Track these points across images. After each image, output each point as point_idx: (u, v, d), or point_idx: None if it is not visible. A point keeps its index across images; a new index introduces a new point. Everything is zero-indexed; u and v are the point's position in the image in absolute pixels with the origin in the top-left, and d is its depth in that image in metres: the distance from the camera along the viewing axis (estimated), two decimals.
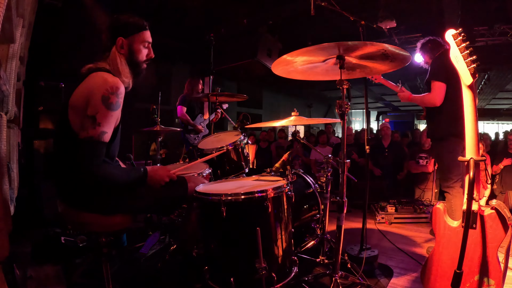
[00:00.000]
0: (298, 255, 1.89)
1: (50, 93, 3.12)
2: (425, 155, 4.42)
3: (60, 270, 2.10)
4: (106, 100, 1.29)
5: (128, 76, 1.48)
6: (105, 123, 1.30)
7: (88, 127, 1.27)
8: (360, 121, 18.15)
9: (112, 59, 1.43)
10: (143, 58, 1.52)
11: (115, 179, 1.38)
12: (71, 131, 1.32)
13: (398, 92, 2.62)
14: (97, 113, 1.28)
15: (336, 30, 5.81)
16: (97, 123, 1.28)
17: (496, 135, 11.60)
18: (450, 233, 1.49)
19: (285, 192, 1.61)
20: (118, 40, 1.43)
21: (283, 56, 1.65)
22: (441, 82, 2.29)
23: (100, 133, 1.29)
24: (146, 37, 1.50)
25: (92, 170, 1.30)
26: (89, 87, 1.32)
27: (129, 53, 1.46)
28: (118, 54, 1.44)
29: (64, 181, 1.43)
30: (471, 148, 1.40)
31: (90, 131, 1.27)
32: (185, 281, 1.83)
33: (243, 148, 2.43)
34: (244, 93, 3.08)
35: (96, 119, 1.28)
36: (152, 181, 1.52)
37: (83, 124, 1.29)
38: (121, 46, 1.44)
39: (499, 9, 4.59)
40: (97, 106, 1.28)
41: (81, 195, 1.40)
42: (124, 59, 1.45)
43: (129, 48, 1.45)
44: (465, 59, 1.34)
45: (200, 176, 2.02)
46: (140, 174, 1.49)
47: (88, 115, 1.28)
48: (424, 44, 2.62)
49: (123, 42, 1.44)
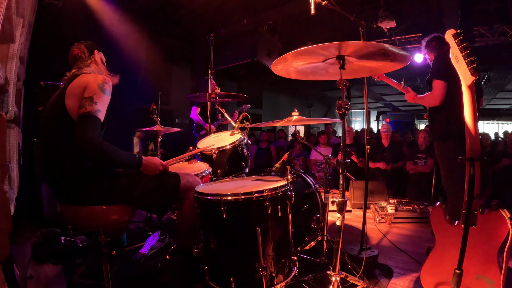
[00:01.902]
0: (298, 255, 1.89)
1: (50, 93, 3.10)
2: (423, 155, 4.41)
3: (60, 270, 2.10)
4: (101, 86, 1.56)
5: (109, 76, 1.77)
6: (100, 103, 1.53)
7: (86, 104, 1.49)
8: (360, 121, 18.15)
9: (97, 63, 1.80)
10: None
11: (110, 154, 1.49)
12: (68, 117, 1.51)
13: (405, 92, 2.59)
14: (94, 94, 1.52)
15: (336, 30, 5.82)
16: (94, 101, 1.50)
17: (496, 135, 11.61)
18: (450, 233, 1.49)
19: (285, 192, 1.61)
20: (95, 52, 1.82)
21: (283, 56, 1.65)
22: (442, 81, 2.26)
23: (96, 110, 1.50)
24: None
25: (90, 139, 1.43)
26: (85, 80, 1.57)
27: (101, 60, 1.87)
28: (99, 60, 1.82)
29: (59, 177, 1.52)
30: (471, 148, 1.40)
31: (88, 107, 1.48)
32: (185, 281, 1.83)
33: (243, 148, 2.43)
34: (244, 93, 3.08)
35: (93, 98, 1.51)
36: (147, 169, 1.64)
37: (81, 103, 1.50)
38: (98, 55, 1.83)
39: (499, 9, 4.59)
40: (94, 89, 1.53)
41: (76, 188, 1.50)
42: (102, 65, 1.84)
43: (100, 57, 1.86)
44: (464, 59, 1.34)
45: (200, 176, 2.03)
46: (135, 159, 1.60)
47: (85, 97, 1.51)
48: (429, 41, 2.57)
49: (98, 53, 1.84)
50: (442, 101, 2.28)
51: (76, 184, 1.51)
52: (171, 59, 6.48)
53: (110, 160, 1.50)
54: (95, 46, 1.86)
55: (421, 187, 4.31)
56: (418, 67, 5.22)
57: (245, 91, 8.17)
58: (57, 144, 1.53)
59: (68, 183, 1.51)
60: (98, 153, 1.45)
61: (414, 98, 2.52)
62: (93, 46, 1.84)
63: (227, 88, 3.94)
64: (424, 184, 4.27)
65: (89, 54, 1.81)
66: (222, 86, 2.85)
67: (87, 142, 1.42)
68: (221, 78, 7.21)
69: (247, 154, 2.49)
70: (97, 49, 1.86)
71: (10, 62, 1.74)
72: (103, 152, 1.46)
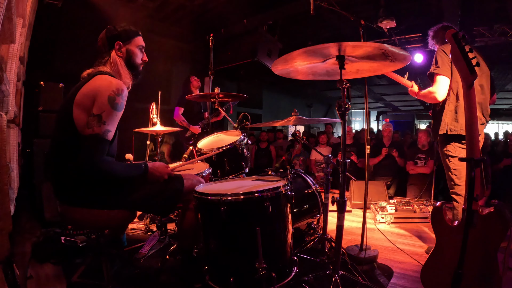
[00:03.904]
0: (298, 255, 1.89)
1: (50, 93, 3.12)
2: (423, 155, 4.41)
3: (60, 270, 2.10)
4: (112, 100, 1.37)
5: (129, 78, 1.58)
6: (110, 122, 1.38)
7: (93, 124, 1.34)
8: (360, 121, 18.15)
9: (113, 62, 1.53)
10: (140, 61, 1.62)
11: (117, 174, 1.44)
12: (74, 129, 1.38)
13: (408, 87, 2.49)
14: (103, 112, 1.36)
15: (336, 30, 5.82)
16: (102, 121, 1.35)
17: (496, 135, 11.61)
18: (450, 233, 1.49)
19: (285, 192, 1.61)
20: (116, 45, 1.53)
21: (283, 56, 1.65)
22: (445, 76, 2.12)
23: (105, 131, 1.36)
24: (140, 41, 1.62)
25: (95, 165, 1.35)
26: (95, 87, 1.39)
27: (127, 56, 1.57)
28: (118, 58, 1.54)
29: (62, 179, 1.46)
30: (471, 148, 1.40)
31: (96, 129, 1.34)
32: (185, 281, 1.83)
33: (243, 148, 2.43)
34: (244, 93, 3.08)
35: (102, 117, 1.35)
36: (152, 178, 1.58)
37: (89, 121, 1.35)
38: (119, 49, 1.54)
39: (499, 9, 4.59)
40: (104, 106, 1.36)
41: (79, 191, 1.44)
42: (123, 62, 1.56)
43: (127, 51, 1.56)
44: (464, 59, 1.34)
45: (200, 176, 2.02)
46: (141, 170, 1.54)
47: (94, 114, 1.35)
48: (436, 31, 2.41)
49: (121, 46, 1.54)
50: (443, 98, 2.18)
51: (77, 187, 1.45)
52: (171, 59, 6.48)
53: (116, 178, 1.45)
54: (120, 35, 1.52)
55: (421, 187, 4.31)
56: (418, 67, 5.22)
57: (245, 91, 8.17)
58: (61, 151, 1.45)
59: (69, 186, 1.46)
60: (103, 174, 1.39)
61: (417, 93, 2.43)
62: (116, 37, 1.52)
63: (227, 88, 3.93)
64: (424, 184, 4.27)
65: (109, 48, 1.53)
66: (222, 86, 2.84)
67: (93, 166, 1.35)
68: (221, 78, 7.21)
69: (247, 154, 2.49)
70: (122, 39, 1.52)
71: (10, 62, 1.74)
72: (109, 175, 1.41)
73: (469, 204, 1.33)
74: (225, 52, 5.96)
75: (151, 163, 1.60)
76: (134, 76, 1.61)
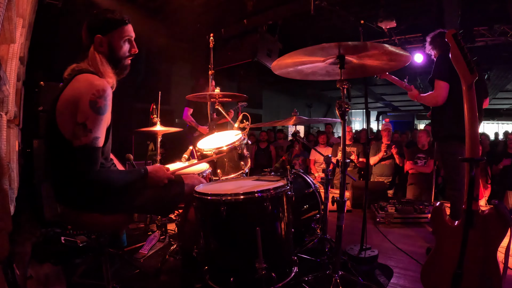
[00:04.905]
0: (298, 255, 1.89)
1: (50, 93, 3.11)
2: (423, 155, 4.41)
3: (60, 270, 2.10)
4: (94, 105, 1.25)
5: (112, 76, 1.42)
6: (97, 128, 1.27)
7: (80, 135, 1.24)
8: (360, 121, 18.15)
9: (91, 59, 1.38)
10: (125, 54, 1.45)
11: (115, 182, 1.38)
12: (62, 137, 1.29)
13: (408, 92, 2.56)
14: (87, 119, 1.25)
15: (336, 30, 5.82)
16: (88, 129, 1.24)
17: (496, 135, 11.61)
18: (450, 233, 1.49)
19: (285, 192, 1.61)
20: (96, 39, 1.36)
21: (283, 56, 1.65)
22: (444, 82, 2.25)
23: (93, 139, 1.26)
24: (127, 31, 1.43)
25: (90, 178, 1.28)
26: (75, 92, 1.28)
27: (109, 51, 1.39)
28: (97, 54, 1.37)
29: (61, 185, 1.42)
30: (471, 148, 1.40)
31: (83, 139, 1.24)
32: (185, 281, 1.83)
33: (243, 148, 2.43)
34: (244, 93, 3.07)
35: (87, 125, 1.24)
36: (152, 182, 1.52)
37: (75, 132, 1.26)
38: (100, 44, 1.37)
39: (499, 9, 4.59)
40: (86, 112, 1.24)
41: (79, 198, 1.40)
42: (104, 58, 1.39)
43: (109, 45, 1.39)
44: (464, 59, 1.34)
45: (200, 176, 2.02)
46: (140, 175, 1.48)
47: (78, 122, 1.25)
48: (433, 38, 2.52)
49: (102, 40, 1.37)
50: (444, 102, 2.28)
51: (76, 194, 1.39)
52: (171, 59, 6.48)
53: (115, 187, 1.39)
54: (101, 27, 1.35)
55: (421, 187, 4.30)
56: (418, 67, 5.22)
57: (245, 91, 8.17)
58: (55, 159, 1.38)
59: (69, 192, 1.40)
60: (101, 185, 1.34)
61: (416, 96, 2.50)
62: (96, 30, 1.35)
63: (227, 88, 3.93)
64: (424, 184, 4.27)
65: (90, 42, 1.37)
66: (222, 86, 2.84)
67: (88, 182, 1.29)
68: (221, 78, 7.21)
69: (247, 154, 2.49)
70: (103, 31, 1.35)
71: (10, 62, 1.74)
72: (106, 183, 1.35)
73: (469, 204, 1.33)
74: (225, 52, 5.95)
75: (150, 167, 1.54)
76: (118, 71, 1.45)
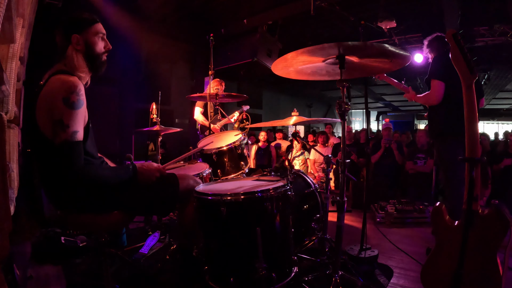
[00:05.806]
0: (298, 255, 1.89)
1: None
2: (422, 155, 4.41)
3: (60, 270, 2.10)
4: (67, 100, 1.31)
5: (85, 71, 1.48)
6: (73, 123, 1.31)
7: (58, 131, 1.29)
8: (360, 121, 18.15)
9: (68, 56, 1.44)
10: (101, 50, 1.52)
11: (103, 179, 1.40)
12: (45, 138, 1.33)
13: (405, 93, 2.60)
14: (63, 115, 1.29)
15: (336, 30, 5.82)
16: (65, 125, 1.29)
17: (496, 135, 11.61)
18: (450, 233, 1.49)
19: (285, 192, 1.61)
20: (73, 38, 1.43)
21: (283, 56, 1.65)
22: (440, 81, 2.29)
23: (72, 133, 1.30)
24: (99, 29, 1.51)
25: (77, 173, 1.31)
26: (49, 93, 1.34)
27: (86, 48, 1.46)
28: (74, 52, 1.44)
29: (52, 188, 1.43)
30: (471, 148, 1.40)
31: (62, 135, 1.29)
32: (185, 281, 1.83)
33: (243, 148, 2.43)
34: (244, 93, 3.08)
35: (63, 121, 1.29)
36: (143, 177, 1.52)
37: (54, 130, 1.30)
38: (77, 42, 1.44)
39: (499, 9, 4.59)
40: (61, 109, 1.30)
41: (70, 198, 1.41)
42: (81, 55, 1.46)
43: (85, 43, 1.46)
44: (464, 59, 1.34)
45: (200, 175, 2.02)
46: (129, 171, 1.49)
47: (55, 120, 1.30)
48: (431, 41, 2.57)
49: (79, 39, 1.44)
50: (440, 101, 2.31)
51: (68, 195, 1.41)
52: (171, 59, 6.49)
53: (103, 183, 1.40)
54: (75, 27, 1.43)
55: (421, 187, 4.30)
56: (418, 67, 5.22)
57: (245, 91, 8.17)
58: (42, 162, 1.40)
59: (60, 194, 1.42)
60: (90, 181, 1.35)
61: (414, 97, 2.54)
62: (71, 30, 1.42)
63: (227, 88, 3.93)
64: (424, 184, 4.26)
65: (66, 43, 1.44)
66: None
67: (75, 178, 1.31)
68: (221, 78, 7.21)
69: (247, 154, 2.49)
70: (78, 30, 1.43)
71: (10, 62, 1.73)
72: (94, 182, 1.37)
73: (469, 204, 1.33)
74: (225, 52, 5.96)
75: (139, 163, 1.57)
76: (95, 68, 1.51)
